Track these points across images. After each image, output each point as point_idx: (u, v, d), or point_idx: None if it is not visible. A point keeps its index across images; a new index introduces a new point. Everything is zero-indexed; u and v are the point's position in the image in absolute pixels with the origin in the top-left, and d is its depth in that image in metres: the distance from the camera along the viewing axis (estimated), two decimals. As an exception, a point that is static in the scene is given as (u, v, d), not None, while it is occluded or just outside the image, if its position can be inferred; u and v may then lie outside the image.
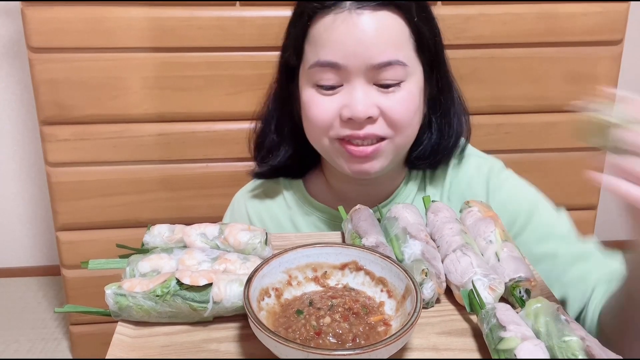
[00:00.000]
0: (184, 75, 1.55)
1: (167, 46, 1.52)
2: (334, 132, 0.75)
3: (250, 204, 0.91)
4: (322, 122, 0.75)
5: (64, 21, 1.48)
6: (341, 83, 0.73)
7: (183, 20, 1.50)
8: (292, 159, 0.86)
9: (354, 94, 0.72)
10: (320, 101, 0.74)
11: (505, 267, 0.63)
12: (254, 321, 0.50)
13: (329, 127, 0.75)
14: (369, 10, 0.71)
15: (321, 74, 0.73)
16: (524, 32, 1.58)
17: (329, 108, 0.74)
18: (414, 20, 0.74)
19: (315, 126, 0.76)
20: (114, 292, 0.58)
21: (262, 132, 0.87)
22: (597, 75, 1.64)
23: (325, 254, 0.62)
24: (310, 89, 0.75)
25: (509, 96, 1.64)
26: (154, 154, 1.61)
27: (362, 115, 0.72)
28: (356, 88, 0.72)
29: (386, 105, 0.73)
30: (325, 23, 0.72)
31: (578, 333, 0.50)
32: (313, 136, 0.78)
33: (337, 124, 0.74)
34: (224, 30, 1.52)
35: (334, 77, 0.73)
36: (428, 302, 0.61)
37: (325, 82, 0.73)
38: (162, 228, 0.67)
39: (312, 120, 0.76)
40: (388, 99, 0.73)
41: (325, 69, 0.72)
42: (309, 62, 0.74)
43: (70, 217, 1.65)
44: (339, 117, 0.74)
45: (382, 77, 0.72)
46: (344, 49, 0.71)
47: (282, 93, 0.84)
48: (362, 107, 0.71)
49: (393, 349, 0.49)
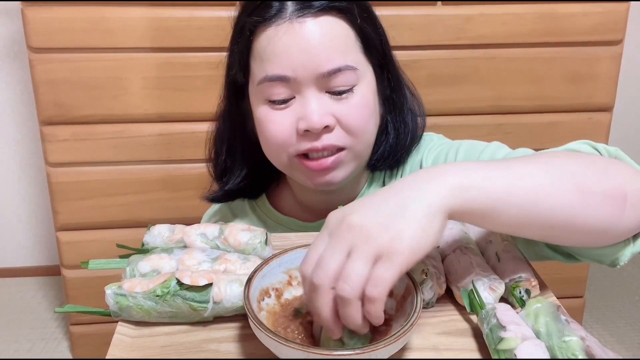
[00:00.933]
0: (184, 76, 1.55)
1: (167, 46, 1.52)
2: (293, 148, 0.72)
3: (219, 219, 0.90)
4: (279, 138, 0.72)
5: (64, 21, 1.48)
6: (293, 95, 0.71)
7: (183, 20, 1.50)
8: (248, 180, 0.84)
9: (307, 105, 0.70)
10: (274, 117, 0.72)
11: (505, 267, 0.63)
12: (254, 321, 0.50)
13: (287, 143, 0.72)
14: (310, 17, 0.69)
15: (271, 89, 0.71)
16: (524, 32, 1.58)
17: (285, 123, 0.71)
18: (358, 22, 0.72)
19: (274, 143, 0.73)
20: (114, 292, 0.58)
21: (215, 154, 0.85)
22: (597, 75, 1.64)
23: (326, 254, 0.61)
24: (262, 106, 0.73)
25: (509, 96, 1.64)
26: (154, 154, 1.61)
27: (319, 126, 0.70)
28: (309, 98, 0.70)
29: (341, 112, 0.71)
30: (268, 36, 0.70)
31: (578, 333, 0.50)
32: (271, 154, 0.76)
33: (294, 139, 0.72)
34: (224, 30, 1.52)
35: (285, 91, 0.71)
36: (428, 302, 0.61)
37: (276, 96, 0.71)
38: (162, 228, 0.67)
39: (269, 138, 0.73)
40: (342, 106, 0.71)
41: (275, 83, 0.70)
42: (257, 78, 0.72)
43: (70, 217, 1.65)
44: (295, 132, 0.71)
45: (333, 85, 0.70)
46: (291, 60, 0.69)
47: (232, 112, 0.81)
48: (317, 118, 0.70)
49: (393, 349, 0.49)
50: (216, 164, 0.85)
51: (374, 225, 0.47)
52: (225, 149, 0.83)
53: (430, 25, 1.55)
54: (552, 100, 1.66)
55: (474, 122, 1.64)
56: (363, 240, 0.47)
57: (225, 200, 0.87)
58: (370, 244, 0.46)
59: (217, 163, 0.85)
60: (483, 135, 1.62)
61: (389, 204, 0.49)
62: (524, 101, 1.65)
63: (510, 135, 1.68)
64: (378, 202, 0.49)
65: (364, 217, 0.48)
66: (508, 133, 1.68)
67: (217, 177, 0.85)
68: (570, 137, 1.69)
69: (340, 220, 0.49)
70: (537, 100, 1.65)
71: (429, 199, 0.49)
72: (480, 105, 1.62)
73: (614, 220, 0.55)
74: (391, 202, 0.49)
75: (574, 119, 1.69)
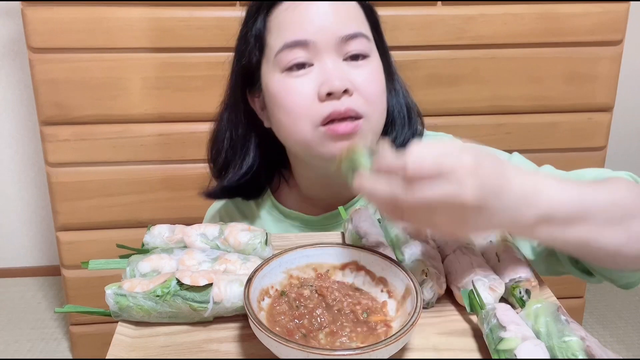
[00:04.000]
0: (184, 76, 1.55)
1: (167, 46, 1.52)
2: (316, 114, 0.71)
3: (220, 218, 0.90)
4: (301, 105, 0.71)
5: (64, 21, 1.48)
6: (312, 62, 0.71)
7: (183, 20, 1.50)
8: (248, 177, 0.82)
9: (327, 70, 0.71)
10: (293, 85, 0.71)
11: (505, 267, 0.63)
12: (254, 321, 0.50)
13: (309, 110, 0.71)
14: None
15: (290, 55, 0.71)
16: (524, 32, 1.58)
17: (304, 90, 0.71)
18: (366, 3, 0.76)
19: (296, 112, 0.72)
20: (114, 292, 0.58)
21: (217, 151, 0.84)
22: (597, 75, 1.64)
23: (326, 254, 0.62)
24: (280, 76, 0.72)
25: (509, 96, 1.64)
26: (154, 154, 1.61)
27: (341, 87, 0.69)
28: (328, 64, 0.71)
29: (358, 79, 0.72)
30: (285, 7, 0.72)
31: (578, 333, 0.50)
32: (292, 127, 0.73)
33: (316, 105, 0.71)
34: (224, 30, 1.52)
35: (304, 55, 0.71)
36: (428, 302, 0.61)
37: (295, 61, 0.71)
38: (162, 228, 0.67)
39: (290, 107, 0.72)
40: (359, 73, 0.72)
41: (293, 49, 0.71)
42: (274, 50, 0.72)
43: (70, 217, 1.65)
44: (316, 98, 0.71)
45: (350, 49, 0.72)
46: (311, 24, 0.70)
47: (237, 105, 0.81)
48: (339, 80, 0.70)
49: (393, 349, 0.49)
50: (216, 160, 0.85)
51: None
52: (228, 144, 0.83)
53: (430, 25, 1.55)
54: (552, 100, 1.66)
55: (473, 122, 1.64)
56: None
57: (223, 197, 0.87)
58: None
59: (217, 159, 0.84)
60: (483, 135, 1.63)
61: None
62: (524, 101, 1.65)
63: (510, 135, 1.68)
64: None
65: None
66: (508, 133, 1.68)
67: (217, 173, 0.85)
68: (570, 137, 1.70)
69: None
70: (537, 100, 1.65)
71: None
72: (480, 106, 1.62)
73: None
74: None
75: (574, 119, 1.69)
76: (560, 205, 0.54)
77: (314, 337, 0.53)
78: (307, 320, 0.54)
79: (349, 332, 0.53)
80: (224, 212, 0.90)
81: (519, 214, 0.52)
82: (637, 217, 0.57)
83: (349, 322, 0.54)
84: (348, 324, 0.54)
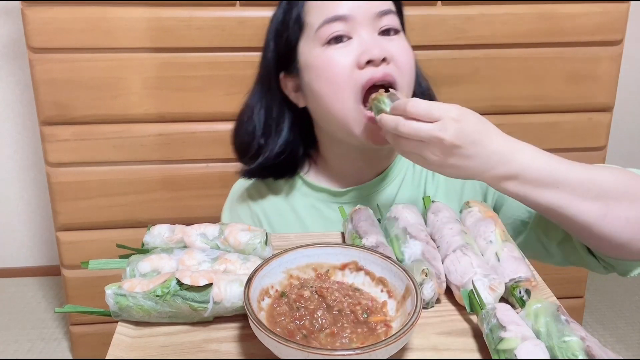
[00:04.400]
0: (184, 76, 1.55)
1: (167, 46, 1.52)
2: (355, 80, 0.76)
3: (248, 195, 0.92)
4: (342, 74, 0.76)
5: (64, 21, 1.48)
6: (350, 35, 0.77)
7: (183, 20, 1.50)
8: (288, 154, 0.87)
9: (366, 41, 0.77)
10: (334, 56, 0.77)
11: (506, 267, 0.63)
12: (254, 321, 0.50)
13: (349, 78, 0.76)
14: None
15: (331, 29, 0.77)
16: (524, 32, 1.58)
17: (346, 60, 0.76)
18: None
19: (336, 81, 0.77)
20: (114, 292, 0.58)
21: (250, 132, 0.88)
22: (597, 75, 1.64)
23: (326, 254, 0.62)
24: (320, 50, 0.78)
25: (509, 96, 1.64)
26: (154, 154, 1.61)
27: (380, 55, 0.75)
28: (366, 36, 0.77)
29: (392, 50, 0.77)
30: None
31: (578, 333, 0.50)
32: (334, 96, 0.78)
33: (356, 73, 0.76)
34: (224, 30, 1.52)
35: (344, 28, 0.77)
36: (428, 302, 0.61)
37: (336, 33, 0.77)
38: (162, 228, 0.67)
39: (331, 76, 0.77)
40: (393, 44, 0.78)
41: (334, 23, 0.77)
42: (314, 26, 0.78)
43: (70, 217, 1.65)
44: (356, 67, 0.76)
45: (384, 24, 0.78)
46: (348, 1, 0.77)
47: (270, 87, 0.86)
48: (378, 49, 0.75)
49: (393, 349, 0.49)
50: (250, 142, 0.88)
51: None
52: (262, 125, 0.87)
53: (430, 25, 1.55)
54: (552, 100, 1.66)
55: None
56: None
57: (261, 175, 0.90)
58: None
59: (251, 141, 0.88)
60: (483, 135, 1.63)
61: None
62: (524, 101, 1.65)
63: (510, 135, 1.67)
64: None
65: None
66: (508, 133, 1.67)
67: (251, 153, 0.88)
68: (570, 137, 1.70)
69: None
70: (537, 100, 1.65)
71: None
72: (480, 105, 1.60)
73: (630, 241, 0.67)
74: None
75: (574, 119, 1.69)
76: (530, 167, 0.64)
77: (315, 338, 0.53)
78: (308, 321, 0.54)
79: (349, 334, 0.53)
80: (252, 189, 0.93)
81: (490, 166, 0.64)
82: (620, 201, 0.65)
83: (350, 323, 0.54)
84: (349, 324, 0.54)
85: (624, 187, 0.66)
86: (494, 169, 0.65)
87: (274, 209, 0.90)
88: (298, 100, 0.85)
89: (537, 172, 0.64)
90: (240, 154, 0.90)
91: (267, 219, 0.90)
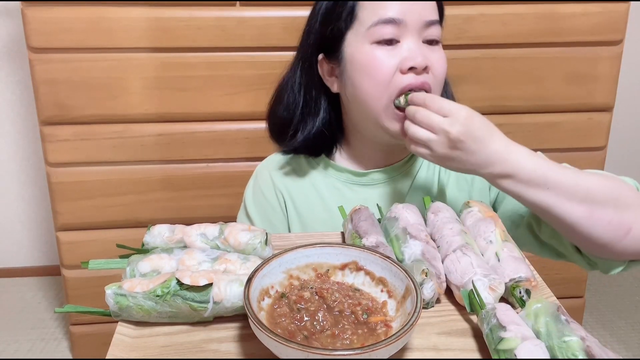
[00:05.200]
0: (184, 76, 1.55)
1: (167, 46, 1.52)
2: (395, 83, 0.80)
3: (273, 170, 0.96)
4: (386, 74, 0.80)
5: (64, 21, 1.48)
6: (398, 39, 0.81)
7: (183, 20, 1.50)
8: (325, 131, 0.91)
9: (412, 48, 0.81)
10: (382, 56, 0.80)
11: (506, 267, 0.63)
12: (254, 321, 0.50)
13: (391, 79, 0.80)
14: None
15: (382, 30, 0.80)
16: (524, 32, 1.58)
17: (391, 62, 0.80)
18: (441, 2, 0.86)
19: (379, 79, 0.81)
20: (114, 292, 0.58)
21: (287, 108, 0.91)
22: (597, 75, 1.64)
23: (326, 254, 0.62)
24: (369, 47, 0.81)
25: (509, 96, 1.64)
26: (154, 154, 1.61)
27: (423, 64, 0.80)
28: (413, 43, 0.81)
29: (433, 60, 0.82)
30: None
31: (578, 333, 0.50)
32: (373, 92, 0.82)
33: (398, 77, 0.80)
34: (224, 30, 1.52)
35: (394, 32, 0.80)
36: (428, 302, 0.61)
37: (386, 36, 0.80)
38: (162, 228, 0.67)
39: (375, 74, 0.81)
40: (434, 54, 0.82)
41: (386, 25, 0.80)
42: (367, 23, 0.81)
43: (70, 217, 1.65)
44: (399, 71, 0.80)
45: (429, 33, 0.82)
46: (404, 6, 0.80)
47: (311, 68, 0.89)
48: (421, 57, 0.80)
49: (393, 349, 0.49)
50: (289, 118, 0.91)
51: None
52: (302, 103, 0.91)
53: (430, 25, 1.55)
54: (552, 100, 1.66)
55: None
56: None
57: (302, 151, 0.94)
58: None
59: (291, 118, 0.91)
60: (483, 135, 1.63)
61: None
62: (524, 101, 1.65)
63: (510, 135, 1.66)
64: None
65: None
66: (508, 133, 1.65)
67: (289, 130, 0.92)
68: (570, 137, 1.70)
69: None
70: (537, 100, 1.65)
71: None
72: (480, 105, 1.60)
73: (611, 243, 0.72)
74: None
75: (574, 119, 1.69)
76: (524, 168, 0.70)
77: (316, 339, 0.53)
78: (309, 322, 0.54)
79: (350, 335, 0.53)
80: (276, 169, 0.96)
81: (489, 163, 0.71)
82: (604, 205, 0.70)
83: (350, 324, 0.54)
84: (349, 326, 0.54)
85: (610, 193, 0.71)
86: (491, 167, 0.71)
87: (297, 188, 0.94)
88: (332, 84, 0.88)
89: (530, 173, 0.70)
90: (278, 131, 0.94)
91: (291, 197, 0.93)
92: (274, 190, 0.94)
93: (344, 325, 0.54)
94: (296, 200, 0.93)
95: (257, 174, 0.99)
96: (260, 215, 0.94)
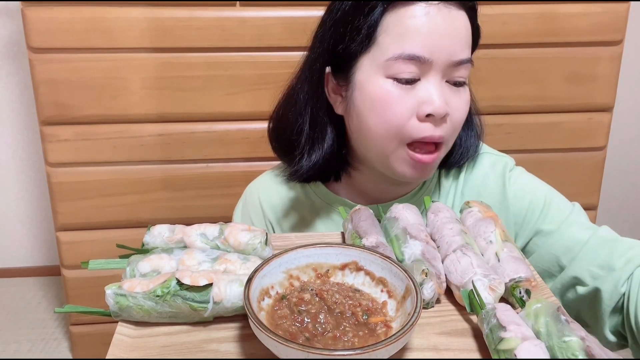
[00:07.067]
0: (184, 76, 1.55)
1: (167, 46, 1.52)
2: (410, 130, 0.71)
3: (263, 195, 0.89)
4: (400, 118, 0.70)
5: (64, 21, 1.48)
6: (419, 77, 0.70)
7: (183, 20, 1.50)
8: (332, 155, 0.81)
9: (433, 91, 0.70)
10: (398, 96, 0.70)
11: (506, 267, 0.63)
12: (254, 321, 0.50)
13: (405, 124, 0.71)
14: (455, 7, 0.70)
15: (403, 67, 0.69)
16: (524, 32, 1.58)
17: (406, 105, 0.70)
18: (475, 24, 0.75)
19: (391, 122, 0.71)
20: (114, 292, 0.58)
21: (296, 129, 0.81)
22: (597, 75, 1.64)
23: (326, 254, 0.62)
24: (385, 82, 0.71)
25: (509, 96, 1.64)
26: (154, 154, 1.61)
27: (443, 112, 0.70)
28: (435, 84, 0.70)
29: (454, 105, 0.72)
30: (413, 12, 0.69)
31: (578, 333, 0.50)
32: (380, 135, 0.72)
33: (413, 123, 0.71)
34: (224, 30, 1.52)
35: (415, 70, 0.70)
36: (428, 302, 0.61)
37: (407, 75, 0.70)
38: (162, 228, 0.67)
39: (387, 115, 0.71)
40: (456, 99, 0.73)
41: (409, 61, 0.69)
42: (387, 53, 0.70)
43: (70, 217, 1.65)
44: (415, 115, 0.70)
45: (456, 75, 0.72)
46: (433, 42, 0.69)
47: (319, 82, 0.78)
48: (441, 104, 0.70)
49: (393, 349, 0.49)
50: (296, 139, 0.81)
51: None
52: (309, 121, 0.80)
53: (430, 25, 1.55)
54: (552, 100, 1.66)
55: (474, 122, 1.64)
56: None
57: (311, 179, 0.85)
58: None
59: (298, 138, 0.81)
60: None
61: None
62: (524, 101, 1.65)
63: (510, 135, 1.68)
64: None
65: None
66: (508, 133, 1.68)
67: (297, 150, 0.82)
68: (570, 137, 1.70)
69: None
70: (537, 100, 1.65)
71: None
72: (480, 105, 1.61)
73: None
74: None
75: (574, 119, 1.69)
76: None
77: (318, 341, 0.53)
78: (311, 324, 0.54)
79: (351, 337, 0.53)
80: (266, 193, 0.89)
81: None
82: None
83: (352, 326, 0.54)
84: (350, 327, 0.54)
85: None
86: None
87: (288, 218, 0.88)
88: (335, 102, 0.78)
89: None
90: (282, 153, 0.86)
91: (280, 227, 0.88)
92: (263, 217, 0.89)
93: (345, 327, 0.54)
94: (286, 231, 0.87)
95: (246, 196, 0.91)
96: None
